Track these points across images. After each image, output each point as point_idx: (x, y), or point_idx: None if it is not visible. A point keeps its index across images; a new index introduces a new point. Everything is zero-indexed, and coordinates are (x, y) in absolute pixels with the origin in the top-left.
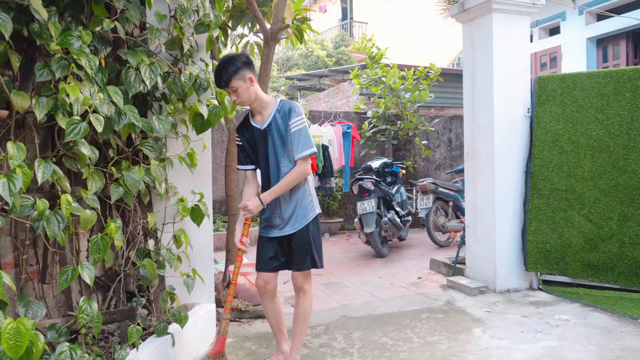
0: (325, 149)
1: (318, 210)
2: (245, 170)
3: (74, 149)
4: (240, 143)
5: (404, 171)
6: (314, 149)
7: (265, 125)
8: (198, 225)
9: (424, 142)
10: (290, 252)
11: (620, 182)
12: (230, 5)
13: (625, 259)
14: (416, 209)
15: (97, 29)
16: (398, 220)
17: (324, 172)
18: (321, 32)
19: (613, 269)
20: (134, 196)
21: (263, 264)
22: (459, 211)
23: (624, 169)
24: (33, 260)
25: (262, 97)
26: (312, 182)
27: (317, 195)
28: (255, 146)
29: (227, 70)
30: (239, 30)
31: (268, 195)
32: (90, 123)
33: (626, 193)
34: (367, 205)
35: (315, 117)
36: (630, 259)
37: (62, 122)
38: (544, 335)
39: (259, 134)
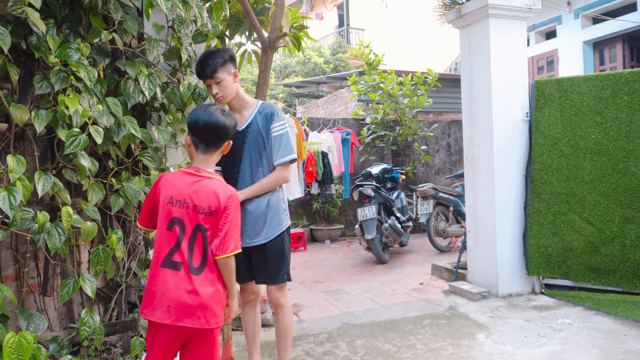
0: (324, 155)
1: (289, 222)
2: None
3: (73, 161)
4: None
5: (403, 177)
6: (295, 155)
7: (244, 126)
8: None
9: (423, 147)
10: (260, 264)
11: (620, 185)
12: (228, 14)
13: (627, 261)
14: (417, 214)
15: (95, 40)
16: (399, 226)
17: (324, 178)
18: (318, 39)
19: (615, 272)
20: (135, 207)
21: (245, 275)
22: (459, 216)
23: (623, 172)
24: (34, 273)
25: (243, 96)
26: (286, 191)
27: (318, 201)
28: None
29: (214, 60)
30: (237, 39)
31: (242, 194)
32: (89, 135)
33: (626, 195)
34: (368, 212)
35: (314, 124)
36: (632, 262)
37: (61, 134)
38: (547, 339)
39: (235, 135)
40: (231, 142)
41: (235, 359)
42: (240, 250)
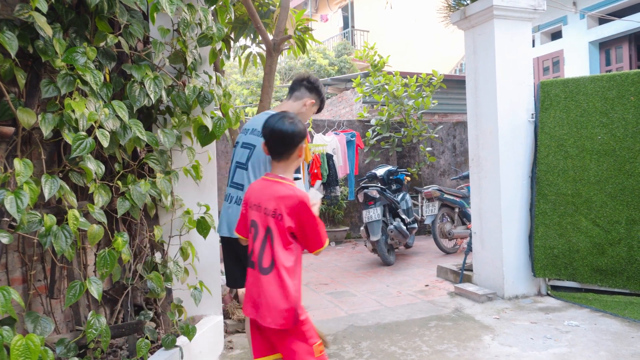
0: (329, 157)
1: None
2: None
3: (80, 164)
4: None
5: (408, 178)
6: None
7: None
8: (204, 237)
9: (428, 148)
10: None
11: (627, 186)
12: (233, 17)
13: (634, 263)
14: (422, 216)
15: (102, 44)
16: (404, 227)
17: (329, 180)
18: (323, 41)
19: (622, 274)
20: (140, 209)
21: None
22: (465, 217)
23: (630, 173)
24: (41, 276)
25: None
26: None
27: (323, 203)
28: None
29: None
30: (242, 41)
31: None
32: (96, 138)
33: (633, 197)
34: (373, 213)
35: (319, 126)
36: (639, 263)
37: (68, 137)
38: (554, 341)
39: None
40: (304, 146)
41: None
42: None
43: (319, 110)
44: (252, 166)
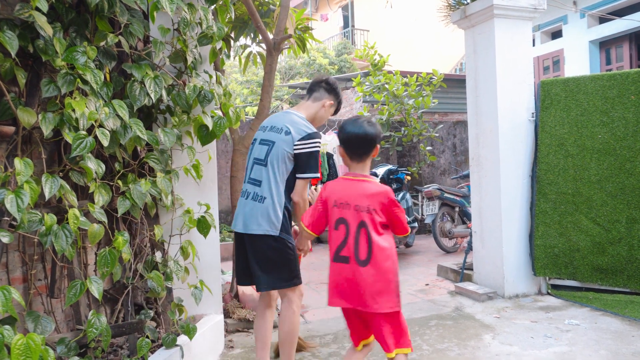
0: (329, 157)
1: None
2: None
3: (80, 164)
4: None
5: (409, 177)
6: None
7: None
8: (205, 236)
9: (429, 148)
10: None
11: (627, 185)
12: (233, 16)
13: (635, 262)
14: (422, 215)
15: (102, 43)
16: None
17: (329, 180)
18: (323, 40)
19: (622, 273)
20: (141, 209)
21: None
22: (465, 217)
23: (630, 172)
24: (41, 275)
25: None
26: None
27: None
28: None
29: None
30: (242, 41)
31: None
32: (96, 137)
33: (633, 196)
34: None
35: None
36: (639, 262)
37: (68, 137)
38: (554, 340)
39: None
40: (379, 146)
41: (316, 347)
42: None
43: (336, 111)
44: (272, 162)
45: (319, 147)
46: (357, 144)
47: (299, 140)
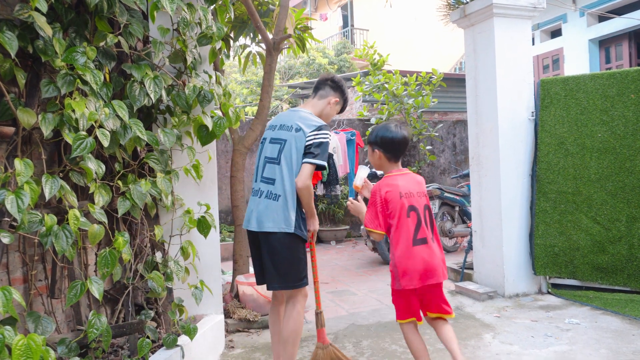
0: (329, 156)
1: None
2: None
3: (80, 164)
4: None
5: None
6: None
7: None
8: (205, 236)
9: (429, 147)
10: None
11: (627, 184)
12: (232, 16)
13: (635, 260)
14: None
15: (101, 44)
16: None
17: (329, 179)
18: (322, 40)
19: (623, 271)
20: (141, 209)
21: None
22: (465, 216)
23: (630, 171)
24: (42, 275)
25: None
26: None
27: (323, 202)
28: None
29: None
30: (241, 40)
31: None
32: (96, 138)
33: (633, 194)
34: None
35: None
36: (639, 261)
37: (68, 137)
38: (554, 339)
39: None
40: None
41: (331, 344)
42: None
43: (342, 109)
44: (285, 160)
45: (329, 138)
46: (398, 146)
47: (310, 132)
